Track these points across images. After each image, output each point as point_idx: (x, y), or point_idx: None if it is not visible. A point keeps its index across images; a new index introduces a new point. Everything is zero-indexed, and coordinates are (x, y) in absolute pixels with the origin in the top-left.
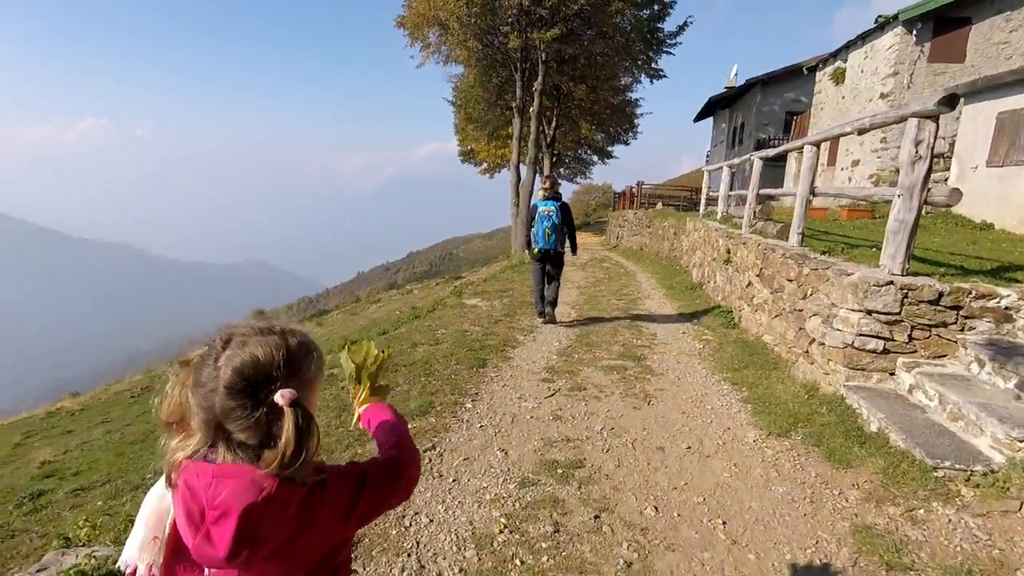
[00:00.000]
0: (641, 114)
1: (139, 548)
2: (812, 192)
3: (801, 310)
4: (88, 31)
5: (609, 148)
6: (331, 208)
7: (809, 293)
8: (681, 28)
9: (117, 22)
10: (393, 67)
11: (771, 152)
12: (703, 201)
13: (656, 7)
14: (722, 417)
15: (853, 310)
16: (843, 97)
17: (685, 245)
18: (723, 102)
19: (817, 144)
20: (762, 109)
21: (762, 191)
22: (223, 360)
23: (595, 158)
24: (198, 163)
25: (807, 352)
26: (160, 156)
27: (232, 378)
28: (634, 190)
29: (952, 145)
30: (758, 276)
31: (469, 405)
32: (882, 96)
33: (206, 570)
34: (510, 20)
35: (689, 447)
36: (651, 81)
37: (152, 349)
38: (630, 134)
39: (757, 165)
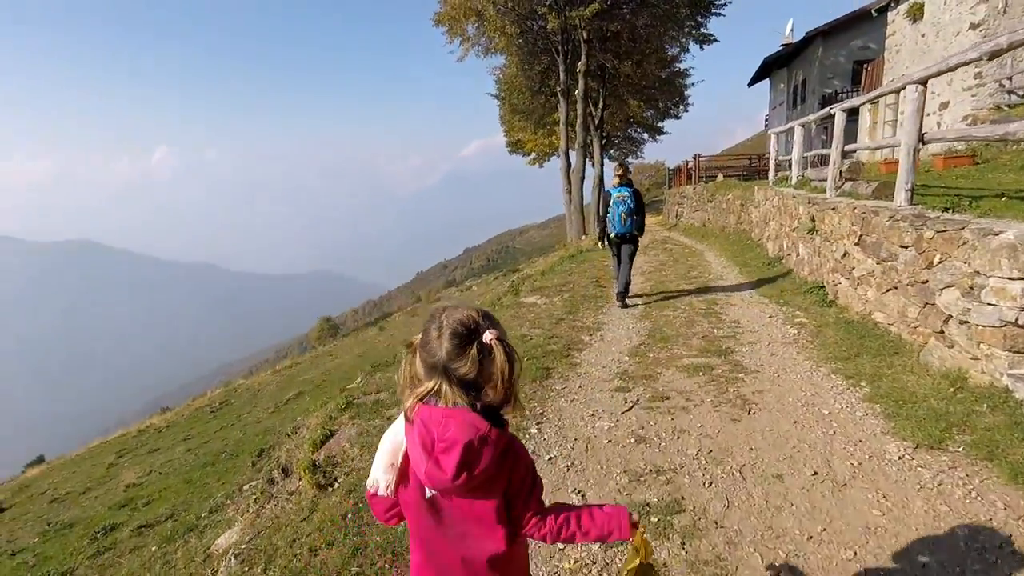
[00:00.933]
0: (691, 84)
1: (383, 472)
2: (921, 140)
3: (926, 282)
4: (133, 65)
5: (660, 124)
6: (388, 213)
7: (937, 261)
8: None
9: (166, 52)
10: (436, 69)
11: (857, 101)
12: (772, 167)
13: None
14: (846, 425)
15: (1011, 278)
16: (923, 35)
17: (755, 217)
18: (779, 61)
19: (924, 82)
20: (825, 62)
21: (847, 147)
22: (444, 319)
23: (646, 136)
24: (262, 181)
25: (942, 333)
26: (227, 177)
27: (453, 326)
28: (691, 165)
29: None
30: (857, 244)
31: (534, 430)
32: (972, 27)
33: (426, 491)
34: (547, 1)
35: (815, 472)
36: (701, 47)
37: (233, 360)
38: (681, 107)
39: (840, 119)
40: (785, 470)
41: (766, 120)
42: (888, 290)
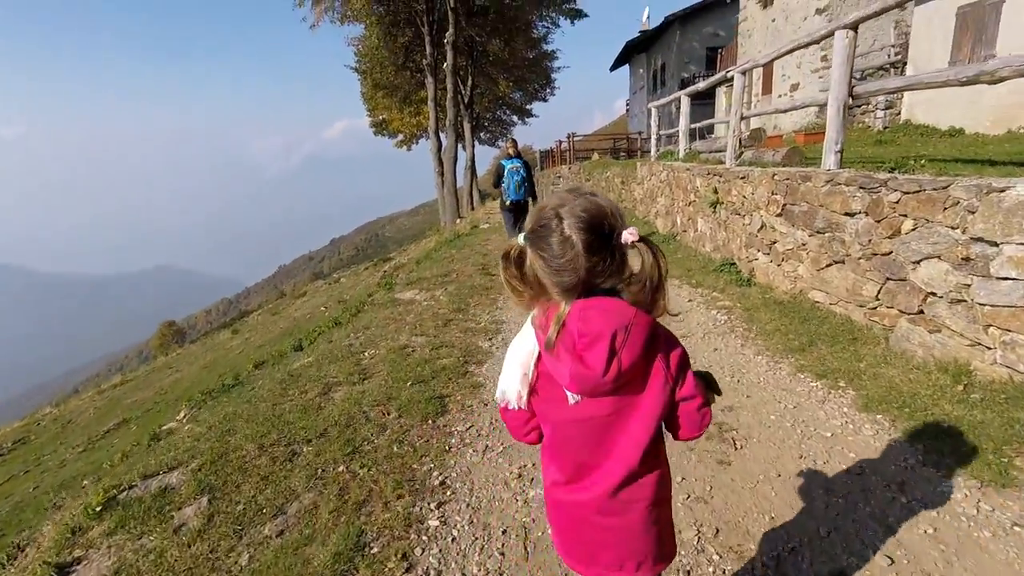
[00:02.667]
0: (559, 68)
1: (517, 382)
2: (851, 94)
3: (889, 253)
4: None
5: (528, 107)
6: (242, 199)
7: (909, 228)
8: None
9: None
10: (291, 38)
11: (762, 60)
12: (653, 142)
13: None
14: (867, 454)
15: None
16: (773, 20)
17: (638, 194)
18: (639, 47)
19: (855, 26)
20: (682, 47)
21: (750, 113)
22: (568, 229)
23: (515, 118)
24: (83, 164)
25: (920, 314)
26: (38, 161)
27: (587, 238)
28: (564, 146)
29: (905, 49)
30: (780, 215)
31: (433, 521)
32: (818, 11)
33: (570, 397)
34: None
35: (891, 560)
36: (572, 22)
37: (62, 374)
38: (548, 90)
39: (739, 82)
40: (839, 554)
41: (627, 104)
42: (828, 265)
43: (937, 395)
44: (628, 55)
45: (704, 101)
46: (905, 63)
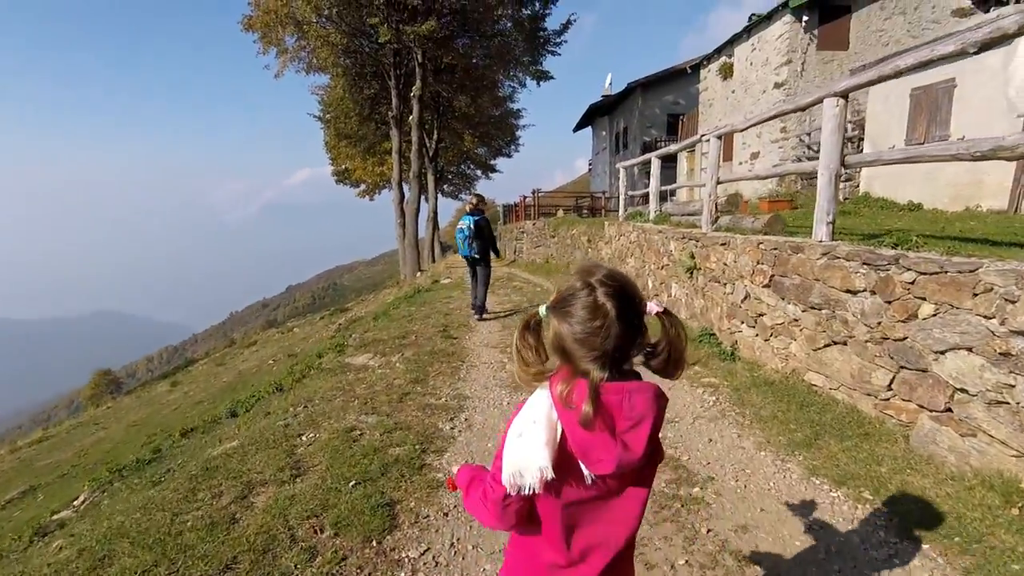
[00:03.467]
0: (523, 126)
1: (545, 459)
2: (843, 163)
3: (903, 339)
4: None
5: (492, 162)
6: (197, 244)
7: (928, 313)
8: (565, 27)
9: None
10: (256, 86)
11: (741, 126)
12: (622, 201)
13: (537, 3)
14: None
15: None
16: (733, 91)
17: (606, 253)
18: (602, 110)
19: (845, 95)
20: (644, 113)
21: (725, 177)
22: (601, 297)
23: (479, 172)
24: (23, 204)
25: (948, 412)
26: None
27: (619, 305)
28: (528, 201)
29: (860, 127)
30: (767, 286)
31: None
32: (776, 86)
33: (587, 477)
34: (379, 10)
35: None
36: (538, 83)
37: None
38: (512, 146)
39: (714, 146)
40: None
41: (590, 164)
42: (827, 345)
43: (988, 520)
44: (591, 117)
45: (667, 164)
46: (861, 139)
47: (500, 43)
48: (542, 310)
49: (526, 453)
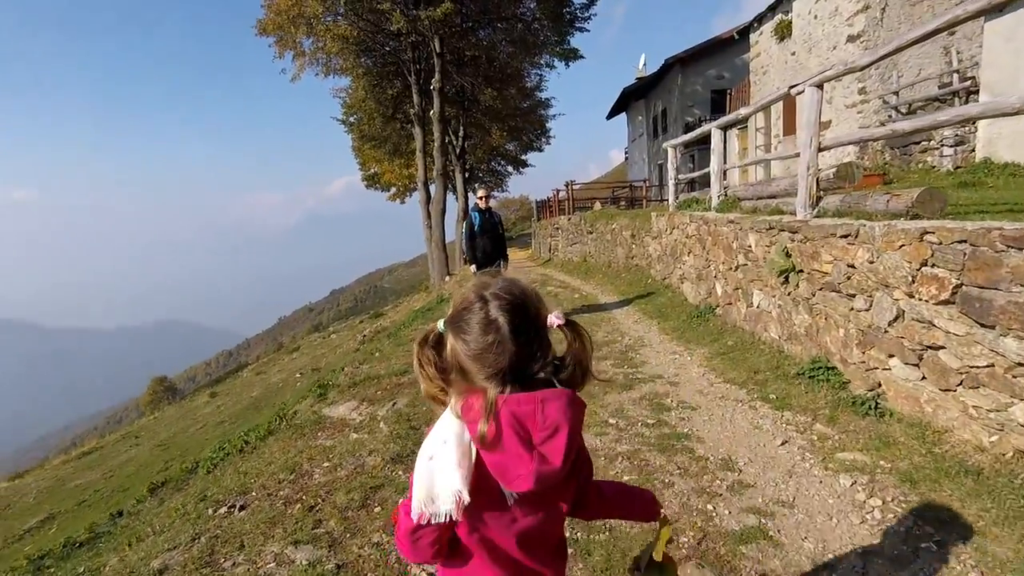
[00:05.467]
0: (554, 115)
1: (460, 483)
2: None
3: None
4: None
5: (523, 157)
6: (245, 254)
7: None
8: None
9: None
10: (291, 95)
11: (866, 59)
12: (672, 188)
13: None
14: None
15: None
16: (792, 54)
17: (655, 250)
18: (637, 93)
19: None
20: (684, 91)
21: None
22: (494, 312)
23: (510, 168)
24: (89, 225)
25: None
26: (47, 221)
27: (512, 320)
28: (561, 195)
29: (967, 80)
30: (946, 303)
31: None
32: (851, 39)
33: (508, 496)
34: None
35: None
36: (567, 64)
37: (66, 424)
38: (543, 140)
39: (812, 99)
40: None
41: (626, 152)
42: None
43: None
44: (625, 102)
45: (705, 146)
46: (972, 91)
47: (524, 28)
48: (440, 324)
49: (438, 477)
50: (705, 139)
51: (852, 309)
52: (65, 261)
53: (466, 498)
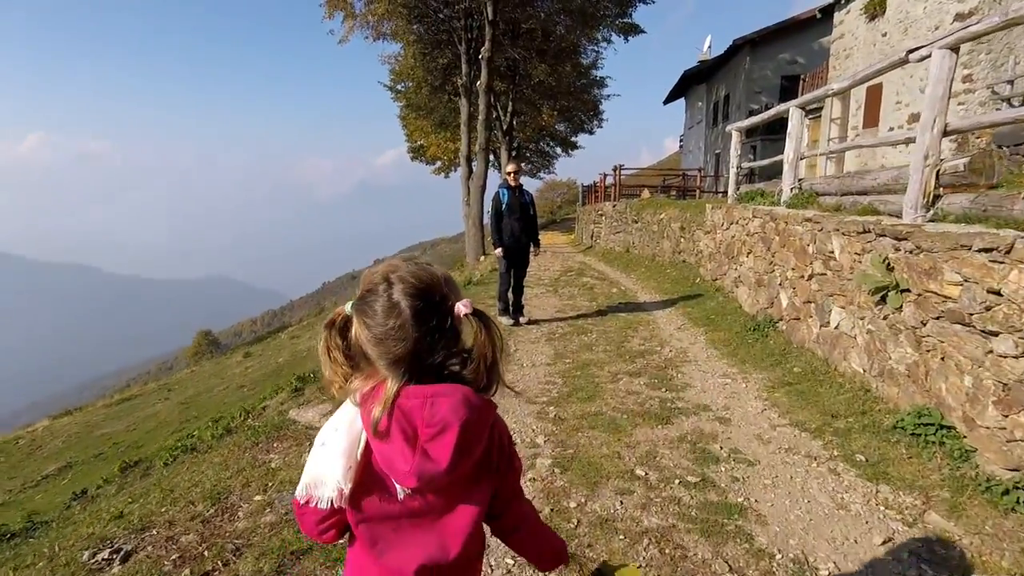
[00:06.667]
0: (608, 95)
1: (341, 476)
2: None
3: None
4: (26, 36)
5: (573, 138)
6: (296, 219)
7: None
8: None
9: (56, 24)
10: (350, 65)
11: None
12: (732, 178)
13: None
14: None
15: None
16: (884, 34)
17: (707, 246)
18: (698, 77)
19: None
20: (752, 76)
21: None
22: (397, 296)
23: (558, 150)
24: (152, 178)
25: None
26: (113, 172)
27: (416, 305)
28: (609, 179)
29: None
30: None
31: None
32: (959, 17)
33: (399, 491)
34: None
35: None
36: (626, 39)
37: (114, 371)
38: (595, 121)
39: (942, 65)
40: None
41: (681, 140)
42: None
43: None
44: (685, 87)
45: (774, 136)
46: None
47: (580, 2)
48: (347, 307)
49: (320, 467)
50: (771, 127)
51: (990, 352)
52: (127, 214)
53: (346, 490)
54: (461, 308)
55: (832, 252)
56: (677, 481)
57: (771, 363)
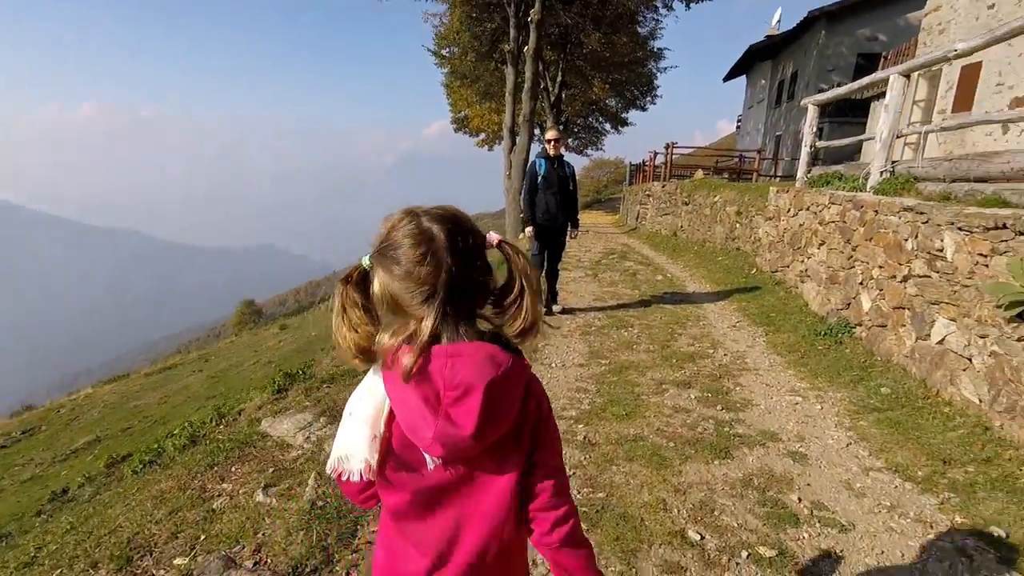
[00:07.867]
0: (665, 68)
1: (365, 448)
2: None
3: None
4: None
5: (624, 115)
6: (341, 189)
7: None
8: None
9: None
10: (397, 38)
11: None
12: (804, 159)
13: None
14: None
15: None
16: (991, 6)
17: (767, 234)
18: (765, 52)
19: None
20: (825, 52)
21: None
22: (427, 223)
23: (608, 126)
24: (205, 146)
25: None
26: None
27: (449, 229)
28: (659, 158)
29: None
30: None
31: None
32: None
33: (428, 461)
34: None
35: None
36: (687, 6)
37: (160, 338)
38: (648, 97)
39: None
40: None
41: (738, 120)
42: None
43: None
44: (749, 63)
45: (842, 118)
46: None
47: None
48: (365, 260)
49: (346, 438)
50: (840, 108)
51: None
52: (177, 180)
53: (363, 466)
54: (494, 236)
55: (941, 250)
56: (746, 554)
57: (850, 379)
